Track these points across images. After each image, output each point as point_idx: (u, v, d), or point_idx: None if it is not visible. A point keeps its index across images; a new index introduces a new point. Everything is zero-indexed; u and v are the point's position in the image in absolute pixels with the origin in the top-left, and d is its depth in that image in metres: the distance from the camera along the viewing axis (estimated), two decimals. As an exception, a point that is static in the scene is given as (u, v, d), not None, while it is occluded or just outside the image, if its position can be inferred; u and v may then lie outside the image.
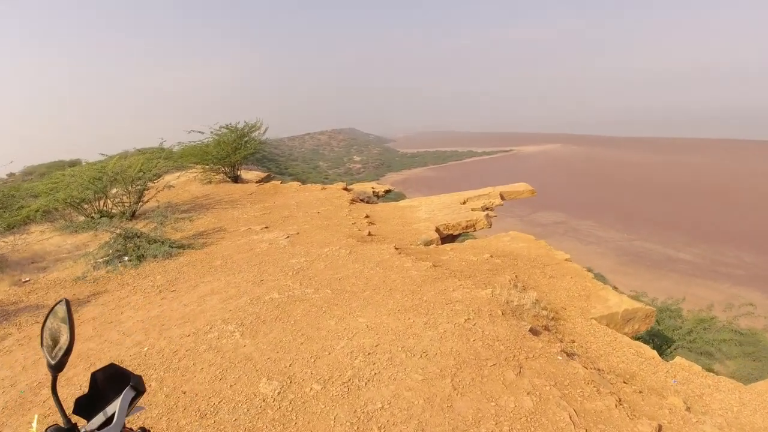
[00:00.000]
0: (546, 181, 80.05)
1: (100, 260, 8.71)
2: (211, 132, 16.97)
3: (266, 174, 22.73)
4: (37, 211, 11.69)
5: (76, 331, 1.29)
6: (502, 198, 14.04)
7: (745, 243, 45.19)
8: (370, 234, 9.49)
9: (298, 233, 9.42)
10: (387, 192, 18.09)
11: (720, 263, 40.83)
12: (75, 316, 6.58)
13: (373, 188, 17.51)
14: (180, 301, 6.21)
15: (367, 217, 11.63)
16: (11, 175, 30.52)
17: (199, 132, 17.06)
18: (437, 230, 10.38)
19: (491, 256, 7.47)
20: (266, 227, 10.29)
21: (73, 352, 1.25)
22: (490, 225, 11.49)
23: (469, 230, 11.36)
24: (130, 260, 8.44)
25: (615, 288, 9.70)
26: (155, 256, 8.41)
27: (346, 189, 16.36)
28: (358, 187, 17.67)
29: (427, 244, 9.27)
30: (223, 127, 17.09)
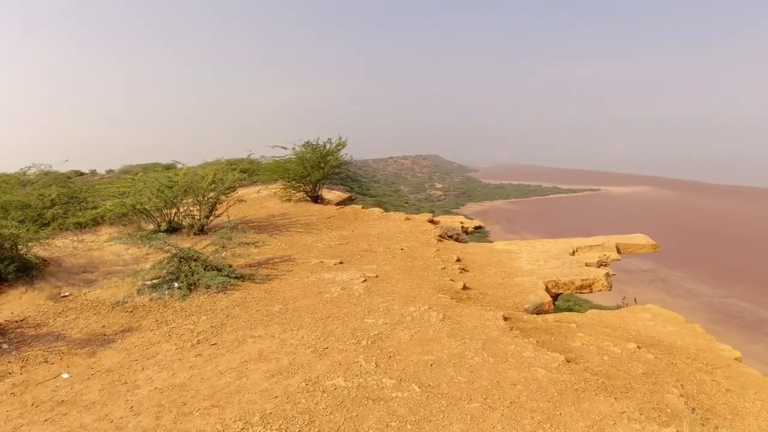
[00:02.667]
0: (635, 226, 74.63)
1: (148, 283, 7.46)
2: (293, 148, 15.88)
3: (348, 195, 21.50)
4: (104, 215, 10.85)
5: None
6: (618, 251, 11.82)
7: None
8: (465, 288, 7.66)
9: (377, 276, 7.76)
10: (477, 228, 16.18)
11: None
12: (90, 360, 5.32)
13: (462, 223, 15.68)
14: (216, 364, 4.67)
15: (458, 260, 9.82)
16: (110, 171, 31.30)
17: (283, 147, 16.02)
18: (546, 288, 8.41)
19: (638, 347, 5.43)
20: (341, 262, 8.72)
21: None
22: (610, 287, 9.34)
23: (583, 291, 9.26)
24: (180, 288, 7.11)
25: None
26: (208, 287, 7.01)
27: (432, 221, 14.66)
28: (445, 220, 15.90)
29: (537, 309, 7.33)
30: (305, 144, 15.97)
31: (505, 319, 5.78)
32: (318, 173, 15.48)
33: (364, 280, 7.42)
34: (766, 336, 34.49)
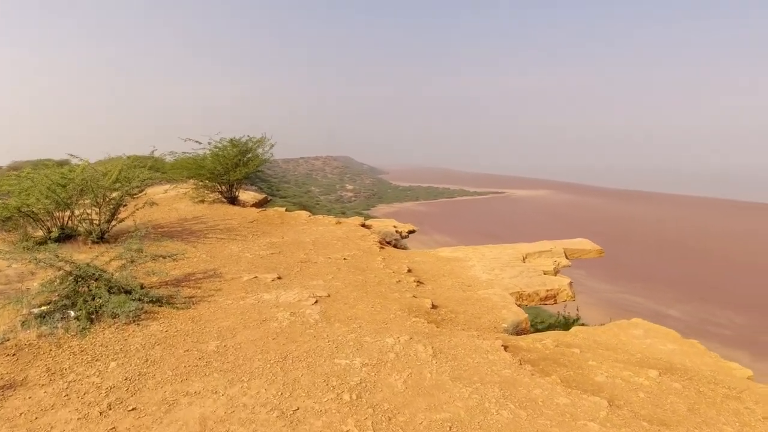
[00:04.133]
0: (541, 227, 78.08)
1: (35, 311, 5.66)
2: (210, 143, 14.08)
3: (263, 196, 19.79)
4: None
5: None
6: (567, 257, 11.27)
7: (735, 304, 43.73)
8: (434, 306, 6.55)
9: (328, 295, 6.44)
10: (411, 232, 15.21)
11: (709, 322, 39.59)
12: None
13: (395, 227, 14.64)
14: (138, 444, 3.23)
15: (410, 271, 8.72)
16: (-4, 168, 27.34)
17: (197, 142, 14.15)
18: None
19: (660, 375, 4.59)
20: (279, 277, 7.30)
21: None
22: (574, 297, 8.63)
23: (548, 302, 8.48)
24: (77, 318, 5.40)
25: None
26: (115, 316, 5.36)
27: (364, 225, 13.50)
28: (377, 224, 14.77)
29: (516, 328, 6.36)
30: (224, 140, 14.22)
31: (505, 348, 4.73)
32: (238, 172, 13.80)
33: (316, 301, 6.09)
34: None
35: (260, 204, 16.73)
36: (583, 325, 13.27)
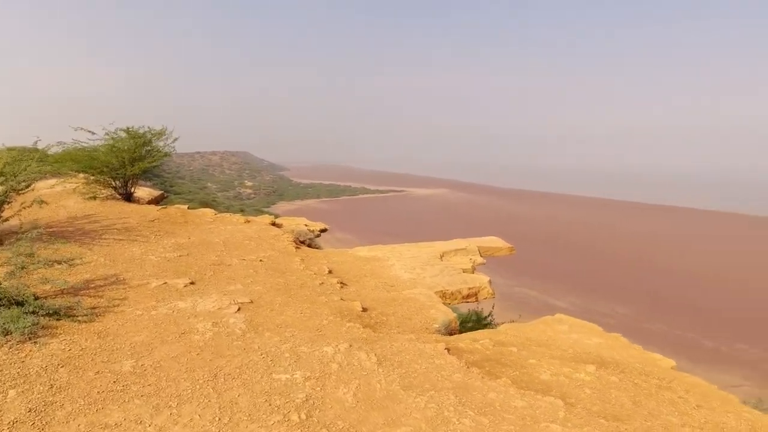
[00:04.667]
0: (445, 224, 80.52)
1: None
2: (106, 134, 12.82)
3: (160, 193, 18.47)
4: None
5: None
6: (480, 255, 11.48)
7: (618, 295, 47.52)
8: (364, 309, 6.29)
9: (251, 301, 5.98)
10: (322, 231, 14.84)
11: (594, 312, 42.58)
12: None
13: (307, 225, 14.24)
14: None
15: (330, 272, 8.41)
16: None
17: (90, 132, 12.83)
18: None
19: (598, 369, 4.68)
20: (192, 283, 6.69)
21: None
22: (494, 294, 8.76)
23: (470, 300, 8.54)
24: (-48, 336, 4.57)
25: None
26: (8, 334, 4.60)
27: (275, 224, 12.99)
28: (288, 223, 14.28)
29: (448, 328, 6.28)
30: (120, 130, 13.01)
31: (448, 350, 4.59)
32: (137, 167, 12.71)
33: (239, 309, 5.61)
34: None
35: (158, 201, 15.60)
36: (489, 322, 13.69)
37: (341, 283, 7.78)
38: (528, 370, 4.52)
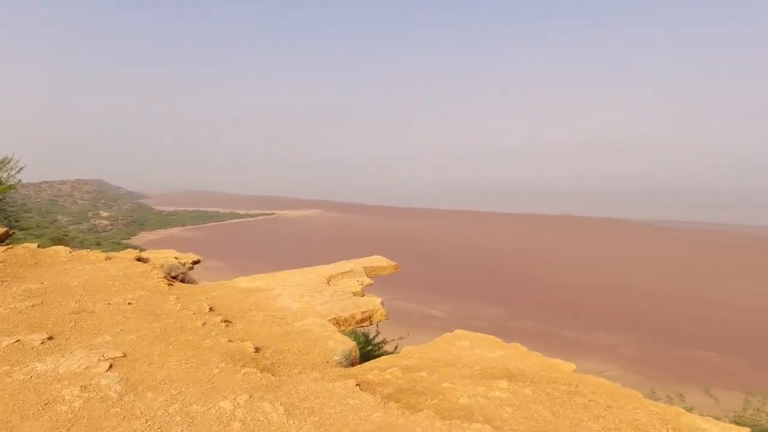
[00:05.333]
0: (317, 245, 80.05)
1: None
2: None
3: (5, 230, 16.11)
4: None
5: None
6: (367, 275, 11.27)
7: (487, 299, 50.41)
8: (257, 350, 5.71)
9: (125, 355, 5.16)
10: (195, 263, 13.77)
11: (466, 317, 44.84)
12: None
13: (176, 257, 13.16)
14: None
15: (211, 310, 7.67)
16: None
17: None
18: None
19: (510, 383, 4.59)
20: (50, 338, 5.67)
21: None
22: (388, 316, 8.55)
23: (364, 324, 8.24)
24: None
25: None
26: None
27: (141, 259, 11.83)
28: (155, 255, 13.10)
29: (349, 358, 5.90)
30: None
31: (359, 386, 4.23)
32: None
33: (110, 366, 4.80)
34: (427, 328, 40.17)
35: (1, 239, 13.56)
36: (380, 342, 13.52)
37: (226, 321, 7.10)
38: (445, 395, 4.31)
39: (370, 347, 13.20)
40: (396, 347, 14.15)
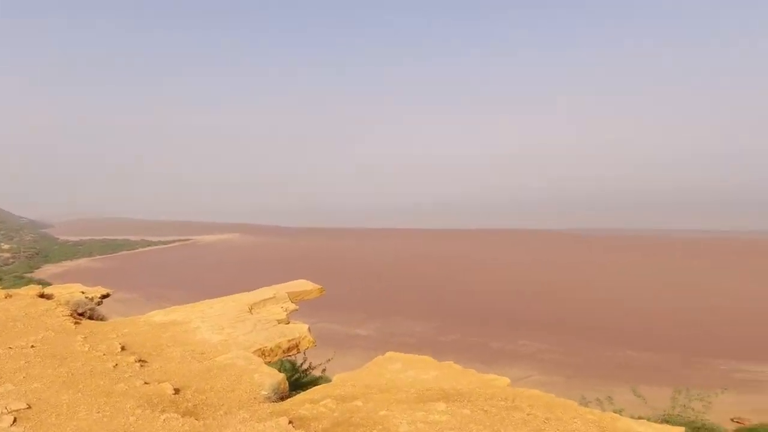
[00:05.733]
0: (236, 271, 77.84)
1: None
2: None
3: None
4: None
5: None
6: (291, 301, 10.97)
7: (414, 315, 50.85)
8: (177, 391, 5.32)
9: (29, 407, 4.64)
10: (104, 297, 12.88)
11: (395, 334, 44.90)
12: None
13: (83, 292, 12.31)
14: None
15: (124, 349, 7.14)
16: None
17: None
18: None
19: (447, 405, 4.54)
20: (-65, 392, 5.03)
21: None
22: (315, 342, 8.30)
23: (291, 353, 7.94)
24: None
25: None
26: None
27: (44, 295, 10.95)
28: (60, 291, 12.17)
29: (278, 391, 5.63)
30: None
31: (292, 424, 4.02)
32: None
33: (14, 420, 4.29)
34: (354, 348, 39.90)
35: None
36: (308, 368, 13.21)
37: (140, 360, 6.62)
38: (384, 424, 4.18)
39: (297, 375, 12.86)
40: (324, 371, 13.87)
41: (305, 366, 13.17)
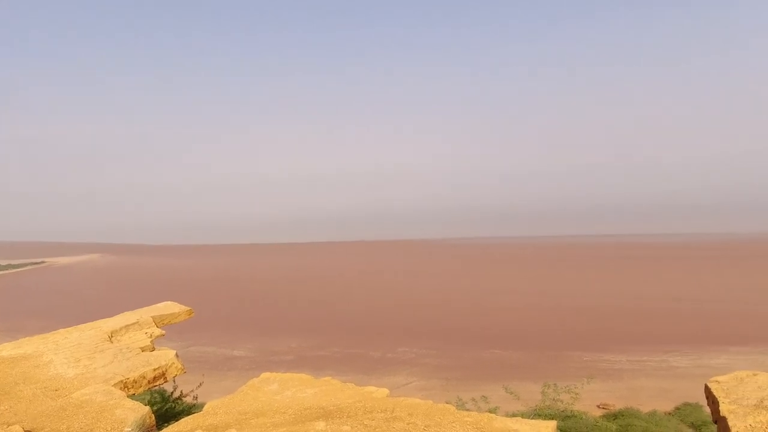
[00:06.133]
0: (90, 295, 72.02)
1: None
2: None
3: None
4: None
5: None
6: (157, 325, 10.44)
7: (289, 331, 50.37)
8: (26, 434, 4.89)
9: None
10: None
11: (273, 353, 44.31)
12: None
13: None
14: None
15: (-40, 390, 6.41)
16: None
17: None
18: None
19: (327, 423, 4.62)
20: None
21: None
22: (185, 369, 7.99)
23: (158, 382, 7.56)
24: None
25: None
26: None
27: None
28: None
29: (143, 427, 5.37)
30: None
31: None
32: None
33: None
34: (231, 370, 38.67)
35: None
36: (180, 397, 12.62)
37: (-19, 404, 5.99)
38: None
39: (168, 404, 12.21)
40: (195, 397, 13.28)
41: (177, 394, 12.56)
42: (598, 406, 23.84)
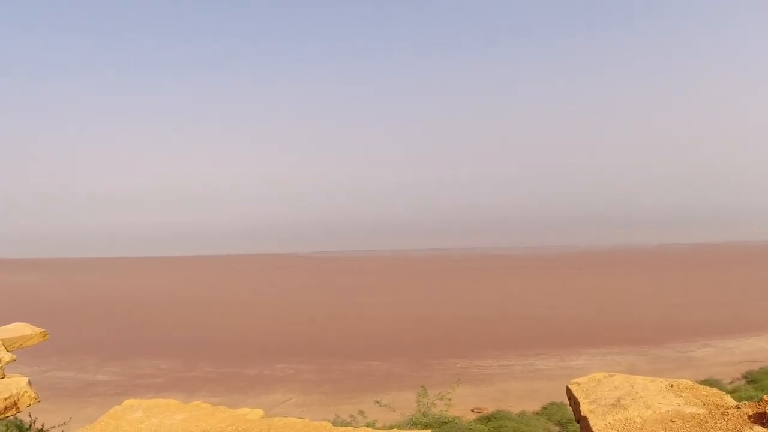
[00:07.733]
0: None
1: None
2: None
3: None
4: None
5: None
6: (6, 349, 9.21)
7: (160, 353, 47.48)
8: None
9: None
10: None
11: (140, 376, 41.48)
12: None
13: None
14: None
15: None
16: None
17: None
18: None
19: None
20: None
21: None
22: (39, 398, 7.10)
23: (9, 413, 6.63)
24: None
25: None
26: None
27: None
28: None
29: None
30: None
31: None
32: None
33: None
34: (94, 396, 35.57)
35: None
36: (41, 429, 11.25)
37: None
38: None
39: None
40: (51, 428, 11.93)
41: (38, 426, 11.18)
42: (472, 410, 24.96)
